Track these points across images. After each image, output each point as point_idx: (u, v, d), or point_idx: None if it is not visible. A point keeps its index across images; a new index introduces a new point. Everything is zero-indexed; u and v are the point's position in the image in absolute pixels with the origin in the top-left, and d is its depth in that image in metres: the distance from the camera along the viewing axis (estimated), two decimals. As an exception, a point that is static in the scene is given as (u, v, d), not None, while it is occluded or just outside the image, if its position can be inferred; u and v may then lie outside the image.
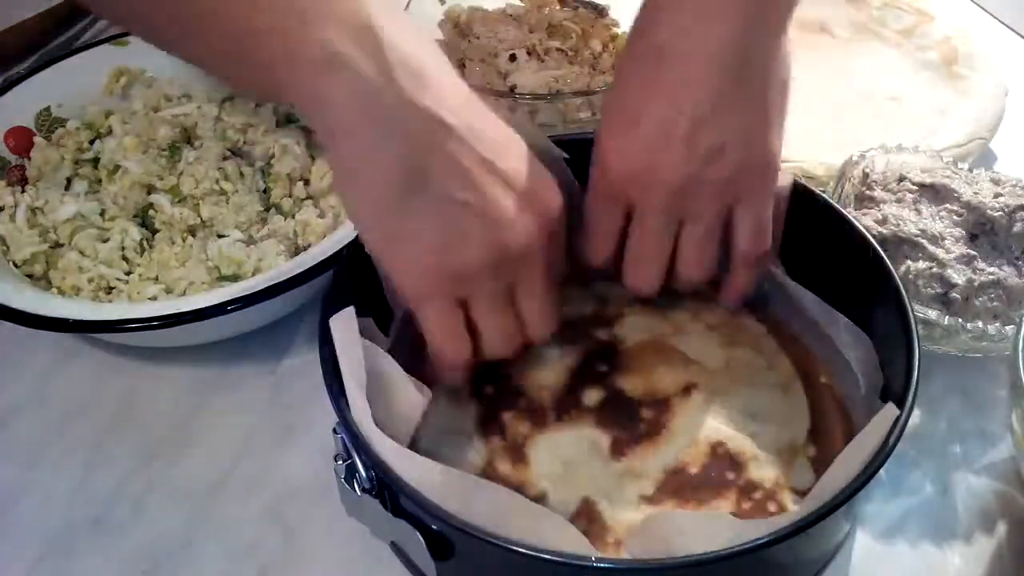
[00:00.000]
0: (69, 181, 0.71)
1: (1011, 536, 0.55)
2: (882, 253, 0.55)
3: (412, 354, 0.58)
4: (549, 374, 0.56)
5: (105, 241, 0.66)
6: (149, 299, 0.64)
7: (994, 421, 0.61)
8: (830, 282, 0.57)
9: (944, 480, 0.58)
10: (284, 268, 0.60)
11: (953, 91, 0.83)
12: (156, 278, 0.65)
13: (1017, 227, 0.63)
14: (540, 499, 0.50)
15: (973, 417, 0.61)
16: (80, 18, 0.97)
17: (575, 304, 0.61)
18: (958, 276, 0.61)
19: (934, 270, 0.61)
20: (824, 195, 0.59)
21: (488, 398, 0.55)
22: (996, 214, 0.63)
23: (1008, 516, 0.56)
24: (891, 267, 0.54)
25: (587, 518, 0.50)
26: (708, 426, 0.54)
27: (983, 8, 0.98)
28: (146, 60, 0.78)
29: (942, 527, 0.56)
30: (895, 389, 0.49)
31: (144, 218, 0.69)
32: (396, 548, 0.52)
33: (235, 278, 0.64)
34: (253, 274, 0.64)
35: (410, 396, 0.52)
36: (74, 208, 0.67)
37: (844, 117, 0.81)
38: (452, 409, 0.55)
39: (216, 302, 0.58)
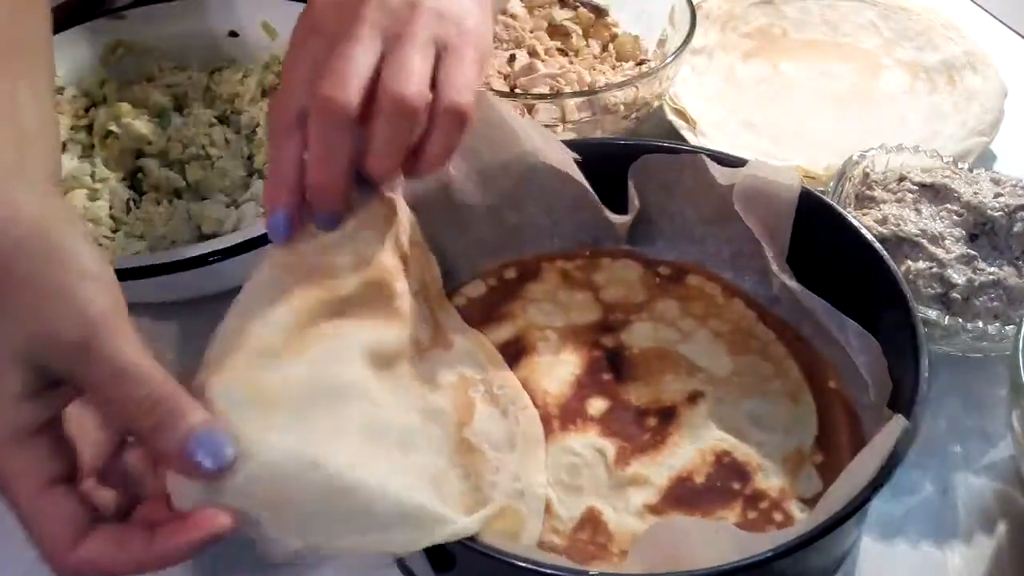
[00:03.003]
0: (64, 145, 0.74)
1: (1011, 536, 0.55)
2: (890, 261, 0.55)
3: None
4: (554, 382, 0.56)
5: (94, 200, 0.69)
6: (134, 255, 0.67)
7: (994, 421, 0.61)
8: (837, 288, 0.56)
9: (944, 480, 0.58)
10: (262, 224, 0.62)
11: (953, 92, 0.83)
12: (141, 236, 0.68)
13: (1017, 227, 0.63)
14: (545, 508, 0.50)
15: (973, 417, 0.61)
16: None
17: (581, 310, 0.60)
18: (958, 276, 0.61)
19: (934, 270, 0.61)
20: (831, 201, 0.59)
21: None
22: (996, 214, 0.63)
23: (1008, 516, 0.56)
24: (898, 274, 0.54)
25: (592, 527, 0.49)
26: (714, 435, 0.53)
27: (983, 8, 0.98)
28: (142, 33, 0.81)
29: (942, 527, 0.56)
30: (903, 396, 0.49)
31: (133, 180, 0.72)
32: (397, 559, 0.51)
33: (215, 236, 0.66)
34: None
35: None
36: (66, 169, 0.70)
37: (844, 117, 0.81)
38: None
39: (197, 254, 0.61)
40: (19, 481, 0.41)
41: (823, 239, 0.58)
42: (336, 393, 0.44)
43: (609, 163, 0.61)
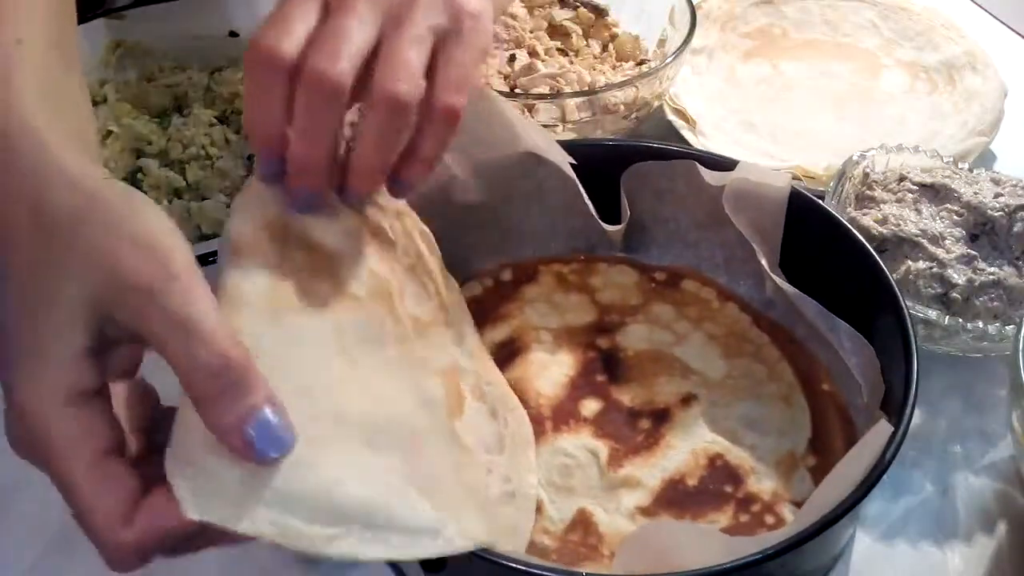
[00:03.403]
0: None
1: (1011, 536, 0.55)
2: (882, 263, 0.55)
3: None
4: (547, 383, 0.56)
5: None
6: None
7: (994, 421, 0.61)
8: (830, 290, 0.56)
9: (944, 480, 0.58)
10: None
11: (953, 92, 0.83)
12: None
13: (1017, 227, 0.63)
14: (536, 509, 0.50)
15: (973, 417, 0.61)
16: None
17: (576, 312, 0.60)
18: (958, 276, 0.61)
19: (934, 270, 0.61)
20: (823, 203, 0.59)
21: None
22: (996, 214, 0.63)
23: (1008, 516, 0.56)
24: (890, 276, 0.54)
25: (583, 528, 0.49)
26: (707, 438, 0.53)
27: (983, 8, 0.98)
28: (142, 33, 0.81)
29: (942, 527, 0.56)
30: (895, 399, 0.49)
31: (133, 180, 0.72)
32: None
33: (215, 236, 0.66)
34: None
35: None
36: None
37: (844, 117, 0.81)
38: None
39: (197, 254, 0.59)
40: (76, 449, 0.37)
41: (815, 241, 0.58)
42: (303, 388, 0.40)
43: (602, 165, 0.61)
